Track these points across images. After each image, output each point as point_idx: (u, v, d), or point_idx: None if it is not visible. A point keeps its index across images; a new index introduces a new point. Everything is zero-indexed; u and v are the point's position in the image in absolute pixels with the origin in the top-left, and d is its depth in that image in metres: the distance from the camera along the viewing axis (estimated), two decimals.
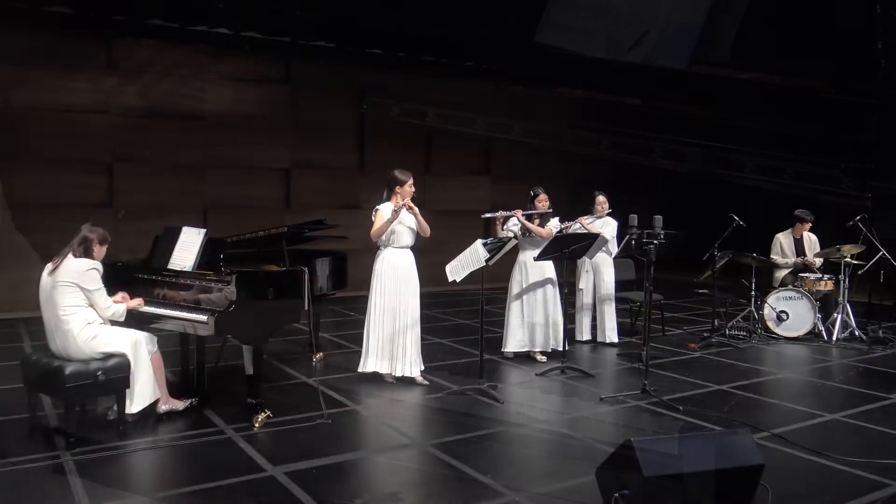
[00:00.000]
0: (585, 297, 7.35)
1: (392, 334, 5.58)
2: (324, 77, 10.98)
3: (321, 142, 11.05)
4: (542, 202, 6.42)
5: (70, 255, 4.33)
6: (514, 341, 6.54)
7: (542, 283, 6.51)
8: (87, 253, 4.38)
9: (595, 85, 12.84)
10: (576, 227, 7.07)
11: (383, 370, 5.62)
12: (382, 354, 5.60)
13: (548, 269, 6.55)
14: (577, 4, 10.01)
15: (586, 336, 7.36)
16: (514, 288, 6.59)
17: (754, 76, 11.64)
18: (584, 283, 7.33)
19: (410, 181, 5.60)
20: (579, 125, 12.80)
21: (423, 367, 5.73)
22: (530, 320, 6.52)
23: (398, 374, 5.59)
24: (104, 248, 4.48)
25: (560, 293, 6.57)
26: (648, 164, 11.95)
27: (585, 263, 7.26)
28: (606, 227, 7.11)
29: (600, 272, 7.25)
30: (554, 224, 6.50)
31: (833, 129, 10.79)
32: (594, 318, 7.38)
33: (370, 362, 5.64)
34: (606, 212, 7.16)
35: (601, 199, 7.23)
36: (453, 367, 6.11)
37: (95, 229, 4.44)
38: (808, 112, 10.93)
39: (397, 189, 5.58)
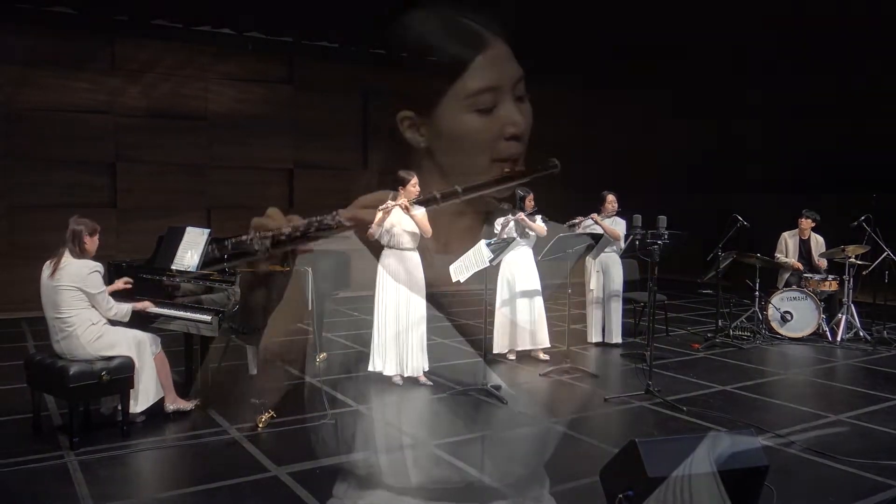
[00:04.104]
0: (596, 298, 7.28)
1: (395, 335, 5.57)
2: (326, 77, 10.97)
3: (324, 141, 11.04)
4: (532, 202, 6.46)
5: (68, 255, 4.29)
6: (503, 342, 6.58)
7: (527, 283, 6.52)
8: (82, 248, 4.31)
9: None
10: (587, 223, 7.05)
11: (389, 371, 5.61)
12: (387, 355, 5.60)
13: (532, 270, 6.55)
14: None
15: (597, 338, 7.27)
16: (502, 287, 6.60)
17: None
18: (595, 283, 7.24)
19: (413, 181, 5.55)
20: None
21: (426, 368, 5.72)
22: (514, 319, 6.53)
23: (406, 373, 5.59)
24: (96, 239, 4.41)
25: (543, 295, 6.58)
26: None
27: (596, 263, 7.20)
28: (616, 226, 7.04)
29: (609, 272, 7.20)
30: (540, 223, 6.49)
31: None
32: (604, 319, 7.30)
33: (376, 362, 5.64)
34: (616, 211, 7.10)
35: (611, 197, 7.17)
36: (457, 368, 6.11)
37: (83, 221, 4.37)
38: None
39: (401, 189, 5.57)
